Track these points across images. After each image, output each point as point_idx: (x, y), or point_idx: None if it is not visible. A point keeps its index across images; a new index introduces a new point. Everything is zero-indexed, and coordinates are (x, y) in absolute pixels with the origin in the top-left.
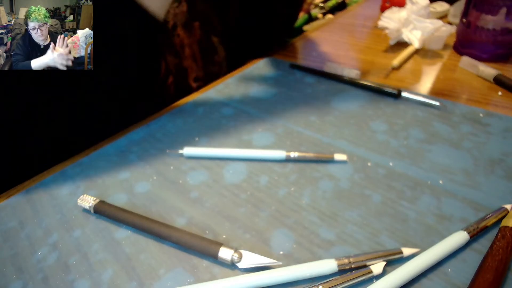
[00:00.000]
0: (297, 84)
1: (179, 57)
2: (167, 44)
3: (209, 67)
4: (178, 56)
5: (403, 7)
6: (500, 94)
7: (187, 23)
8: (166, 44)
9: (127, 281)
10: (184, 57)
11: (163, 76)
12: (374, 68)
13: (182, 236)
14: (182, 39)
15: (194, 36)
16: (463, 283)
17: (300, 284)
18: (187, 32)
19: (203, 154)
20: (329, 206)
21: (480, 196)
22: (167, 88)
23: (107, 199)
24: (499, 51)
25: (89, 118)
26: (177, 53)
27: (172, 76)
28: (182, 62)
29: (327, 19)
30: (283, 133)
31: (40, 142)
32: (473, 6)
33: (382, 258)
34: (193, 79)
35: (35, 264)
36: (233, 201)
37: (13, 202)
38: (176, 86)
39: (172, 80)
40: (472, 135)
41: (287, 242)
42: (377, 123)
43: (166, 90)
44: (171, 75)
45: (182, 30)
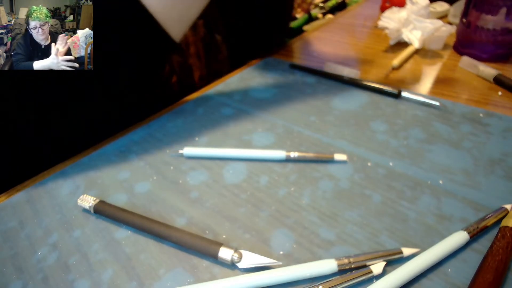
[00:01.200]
0: (297, 84)
1: (183, 55)
2: (172, 44)
3: (213, 65)
4: (182, 55)
5: (403, 7)
6: (500, 94)
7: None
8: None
9: (127, 281)
10: (189, 55)
11: (167, 75)
12: (374, 68)
13: (182, 236)
14: (187, 37)
15: (198, 34)
16: (463, 283)
17: (300, 284)
18: (192, 30)
19: (203, 154)
20: (329, 206)
21: (480, 196)
22: (170, 88)
23: (107, 199)
24: (499, 51)
25: (89, 118)
26: (181, 51)
27: (176, 75)
28: (187, 60)
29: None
30: (283, 133)
31: (40, 142)
32: (473, 6)
33: (382, 258)
34: (198, 77)
35: (35, 264)
36: (233, 201)
37: (13, 202)
38: (180, 84)
39: (176, 79)
40: (472, 135)
41: (287, 242)
42: (377, 123)
43: (169, 90)
44: (175, 74)
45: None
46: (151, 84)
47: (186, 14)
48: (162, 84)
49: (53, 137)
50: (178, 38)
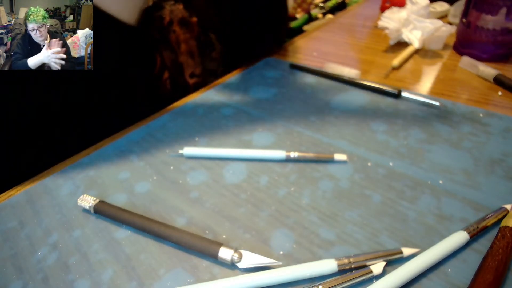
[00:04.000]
0: (297, 84)
1: (174, 52)
2: (163, 40)
3: (207, 63)
4: (173, 52)
5: (403, 7)
6: (500, 94)
7: (184, 19)
8: (161, 40)
9: (127, 281)
10: (180, 53)
11: (158, 71)
12: (374, 68)
13: (182, 236)
14: (178, 35)
15: (192, 32)
16: (463, 283)
17: (300, 284)
18: (183, 28)
19: (203, 154)
20: (329, 206)
21: (480, 196)
22: (162, 84)
23: (107, 199)
24: (499, 51)
25: (89, 118)
26: (172, 49)
27: (167, 72)
28: (178, 57)
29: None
30: (283, 133)
31: (40, 142)
32: (473, 6)
33: (382, 258)
34: (189, 75)
35: (35, 264)
36: (233, 201)
37: (13, 202)
38: (172, 81)
39: (167, 76)
40: (472, 135)
41: (287, 242)
42: (377, 123)
43: (162, 86)
44: (166, 70)
45: (178, 26)
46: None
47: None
48: (155, 79)
49: (53, 137)
50: (133, 21)
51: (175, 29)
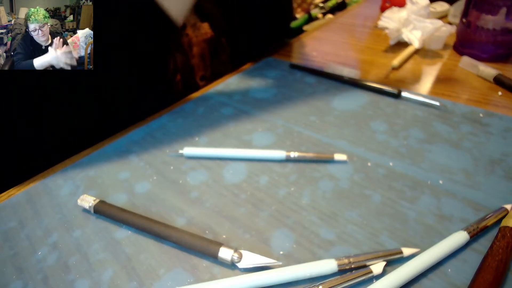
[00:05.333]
0: (297, 84)
1: (186, 55)
2: (176, 43)
3: (216, 66)
4: (185, 55)
5: (403, 7)
6: (500, 94)
7: (196, 23)
8: (175, 43)
9: (127, 281)
10: (192, 55)
11: (171, 73)
12: (374, 68)
13: (182, 236)
14: (190, 38)
15: (205, 35)
16: (463, 283)
17: (300, 284)
18: (196, 31)
19: (203, 154)
20: (329, 206)
21: (480, 196)
22: (175, 85)
23: (107, 199)
24: (499, 51)
25: (89, 118)
26: (184, 52)
27: (179, 74)
28: (190, 60)
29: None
30: (283, 133)
31: (40, 142)
32: (473, 6)
33: (382, 258)
34: (199, 77)
35: (35, 264)
36: (233, 201)
37: (13, 202)
38: (183, 83)
39: (180, 78)
40: (472, 135)
41: (287, 242)
42: (377, 123)
43: (174, 87)
44: (178, 72)
45: (190, 29)
46: (157, 80)
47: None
48: (168, 81)
49: (53, 137)
50: (180, 20)
51: (188, 32)
